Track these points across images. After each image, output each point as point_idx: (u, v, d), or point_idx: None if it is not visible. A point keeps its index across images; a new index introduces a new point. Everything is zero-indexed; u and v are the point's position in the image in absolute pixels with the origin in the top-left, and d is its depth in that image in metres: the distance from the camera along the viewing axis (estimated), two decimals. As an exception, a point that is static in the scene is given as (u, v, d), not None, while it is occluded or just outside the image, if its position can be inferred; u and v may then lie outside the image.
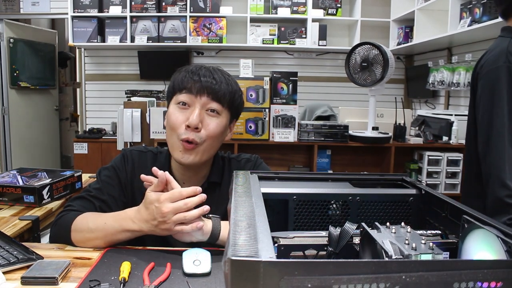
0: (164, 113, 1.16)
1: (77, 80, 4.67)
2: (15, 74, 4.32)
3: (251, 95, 2.72)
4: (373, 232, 0.54)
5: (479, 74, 1.19)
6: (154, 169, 0.96)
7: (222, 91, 1.03)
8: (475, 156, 1.21)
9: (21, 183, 1.38)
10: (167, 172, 0.94)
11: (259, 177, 0.74)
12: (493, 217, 1.05)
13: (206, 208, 0.91)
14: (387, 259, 0.48)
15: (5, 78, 4.24)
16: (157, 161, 1.14)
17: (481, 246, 0.52)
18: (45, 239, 1.28)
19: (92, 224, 0.97)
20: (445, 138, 2.89)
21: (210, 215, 0.96)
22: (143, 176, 0.98)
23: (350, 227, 0.59)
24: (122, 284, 0.79)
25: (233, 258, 0.37)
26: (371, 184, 0.79)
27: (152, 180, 0.96)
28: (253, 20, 3.89)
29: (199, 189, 0.92)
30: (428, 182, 2.84)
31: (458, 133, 2.80)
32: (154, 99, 3.75)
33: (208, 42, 3.89)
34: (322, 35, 3.94)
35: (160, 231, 0.91)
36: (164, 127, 1.13)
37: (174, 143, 1.04)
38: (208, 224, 0.94)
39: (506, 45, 1.12)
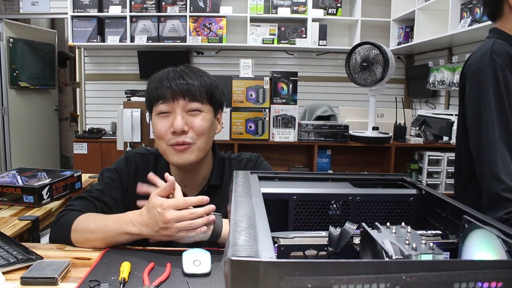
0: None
1: (77, 80, 4.67)
2: (14, 74, 4.32)
3: (251, 95, 2.72)
4: (373, 232, 0.54)
5: (466, 74, 1.22)
6: (150, 175, 0.97)
7: (196, 89, 1.03)
8: (466, 157, 1.23)
9: (20, 183, 1.38)
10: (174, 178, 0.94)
11: (259, 177, 0.74)
12: (489, 213, 1.05)
13: (211, 217, 0.91)
14: (387, 259, 0.48)
15: (4, 78, 4.24)
16: (158, 163, 1.14)
17: (481, 246, 0.52)
18: (45, 239, 1.28)
19: (92, 225, 0.97)
20: (445, 138, 2.89)
21: (212, 213, 0.95)
22: (143, 187, 0.98)
23: (350, 227, 0.59)
24: (122, 284, 0.79)
25: (233, 258, 0.37)
26: (371, 184, 0.79)
27: (154, 182, 0.96)
28: (253, 20, 3.89)
29: (206, 198, 0.92)
30: (428, 182, 2.84)
31: (459, 133, 2.80)
32: (154, 99, 3.74)
33: (208, 42, 3.89)
34: (322, 35, 3.94)
35: (160, 237, 0.91)
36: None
37: (165, 150, 1.05)
38: None
39: (491, 44, 1.15)
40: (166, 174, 0.95)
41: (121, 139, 3.34)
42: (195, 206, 0.92)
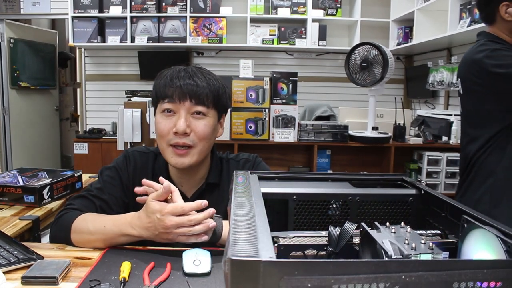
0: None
1: (77, 80, 4.67)
2: (15, 74, 4.32)
3: (251, 95, 2.72)
4: (373, 232, 0.54)
5: (489, 70, 1.24)
6: (145, 181, 0.96)
7: (204, 93, 1.03)
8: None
9: (21, 183, 1.38)
10: (171, 184, 0.93)
11: (259, 177, 0.74)
12: None
13: (212, 224, 0.90)
14: (386, 259, 0.48)
15: (5, 78, 4.24)
16: (157, 162, 1.14)
17: (480, 246, 0.52)
18: (46, 239, 1.28)
19: (92, 226, 0.97)
20: (444, 138, 2.89)
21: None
22: (139, 188, 0.96)
23: (350, 227, 0.59)
24: (122, 284, 0.79)
25: (233, 258, 0.37)
26: (371, 184, 0.79)
27: (150, 186, 0.95)
28: (253, 20, 3.89)
29: (204, 202, 0.91)
30: (427, 182, 2.84)
31: (458, 133, 2.80)
32: (154, 99, 3.74)
33: (208, 42, 3.89)
34: (322, 35, 3.94)
35: (161, 239, 0.91)
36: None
37: (164, 149, 1.05)
38: None
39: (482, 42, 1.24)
40: (161, 178, 0.94)
41: (122, 139, 3.34)
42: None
